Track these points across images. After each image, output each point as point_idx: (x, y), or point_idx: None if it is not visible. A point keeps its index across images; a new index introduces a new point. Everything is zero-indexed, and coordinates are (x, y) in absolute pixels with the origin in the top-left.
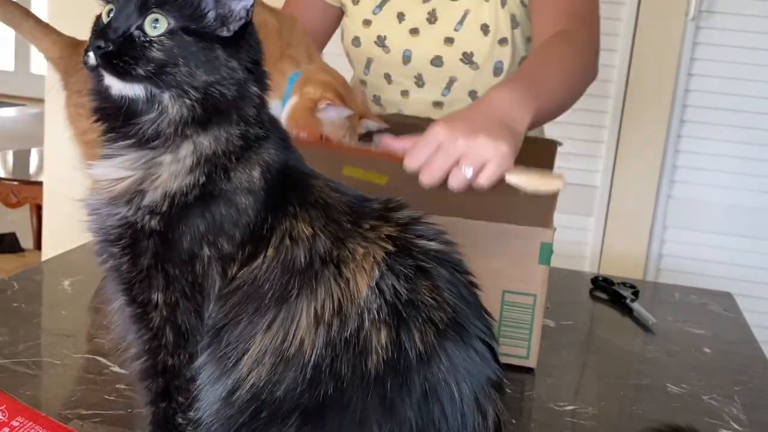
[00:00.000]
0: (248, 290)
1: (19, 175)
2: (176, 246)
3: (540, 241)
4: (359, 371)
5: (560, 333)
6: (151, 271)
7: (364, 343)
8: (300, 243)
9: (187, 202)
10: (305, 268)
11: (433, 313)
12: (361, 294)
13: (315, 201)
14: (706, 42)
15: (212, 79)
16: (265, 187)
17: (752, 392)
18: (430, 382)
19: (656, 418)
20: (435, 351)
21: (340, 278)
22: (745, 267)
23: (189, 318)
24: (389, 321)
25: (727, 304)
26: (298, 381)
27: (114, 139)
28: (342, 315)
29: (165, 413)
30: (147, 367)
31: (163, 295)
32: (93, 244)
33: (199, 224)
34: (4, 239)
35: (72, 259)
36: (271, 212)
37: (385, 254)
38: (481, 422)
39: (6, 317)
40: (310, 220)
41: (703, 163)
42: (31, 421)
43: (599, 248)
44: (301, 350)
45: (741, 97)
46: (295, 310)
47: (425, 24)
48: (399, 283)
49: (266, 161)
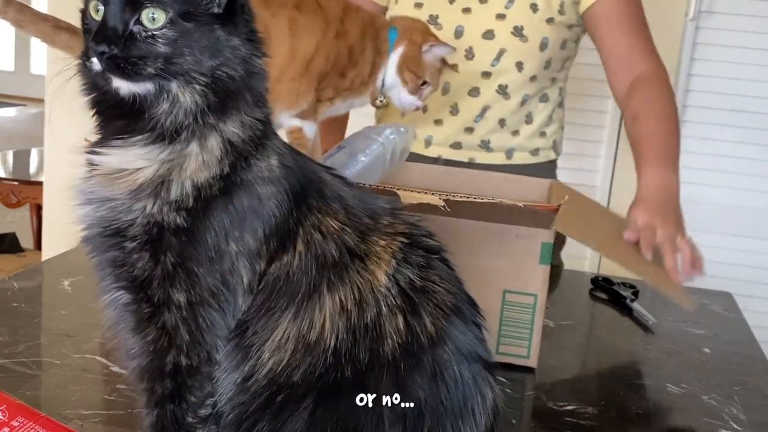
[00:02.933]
0: (279, 285)
1: (19, 175)
2: (202, 243)
3: (540, 241)
4: (376, 355)
5: (560, 333)
6: (176, 269)
7: (382, 329)
8: (329, 237)
9: (212, 195)
10: (337, 262)
11: (440, 298)
12: (381, 283)
13: (332, 194)
14: (706, 42)
15: (218, 62)
16: (286, 176)
17: (752, 392)
18: (439, 363)
19: (656, 418)
20: (443, 334)
21: (364, 270)
22: (745, 267)
23: (210, 316)
24: (404, 307)
25: (727, 304)
26: (318, 365)
27: (123, 131)
28: (362, 303)
29: (174, 414)
30: (152, 367)
31: (186, 294)
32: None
33: (224, 218)
34: (4, 239)
35: (72, 259)
36: (294, 205)
37: (401, 244)
38: (480, 403)
39: (6, 317)
40: (334, 213)
41: (703, 163)
42: (31, 421)
43: None
44: (322, 336)
45: (741, 97)
46: (322, 301)
47: (476, 3)
48: (412, 271)
49: (280, 148)
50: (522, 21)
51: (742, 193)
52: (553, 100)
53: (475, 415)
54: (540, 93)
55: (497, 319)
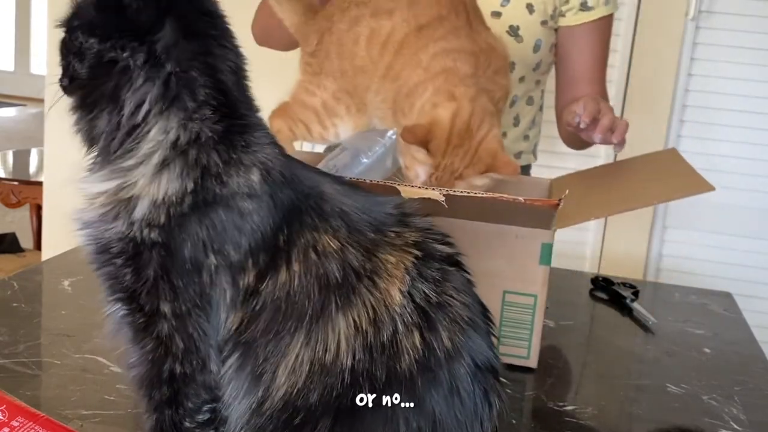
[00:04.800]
0: (282, 306)
1: (19, 175)
2: (179, 255)
3: (540, 242)
4: (393, 372)
5: (560, 333)
6: (158, 281)
7: (398, 347)
8: (330, 257)
9: (184, 212)
10: (342, 281)
11: (456, 312)
12: (395, 300)
13: (332, 210)
14: (706, 42)
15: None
16: (271, 193)
17: (752, 392)
18: (455, 378)
19: (656, 418)
20: (459, 347)
21: (375, 289)
22: (745, 267)
23: (201, 325)
24: (420, 323)
25: (727, 304)
26: (335, 386)
27: (93, 156)
28: (378, 321)
29: (172, 420)
30: (150, 375)
31: (171, 306)
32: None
33: (199, 231)
34: (4, 239)
35: (72, 259)
36: (286, 222)
37: (414, 259)
38: (488, 411)
39: (6, 317)
40: (333, 231)
41: (703, 162)
42: (31, 421)
43: (599, 248)
44: (338, 358)
45: (741, 97)
46: (334, 321)
47: None
48: (428, 287)
49: (263, 162)
50: (518, 21)
51: (742, 193)
52: (537, 103)
53: (483, 423)
54: (527, 95)
55: (497, 319)
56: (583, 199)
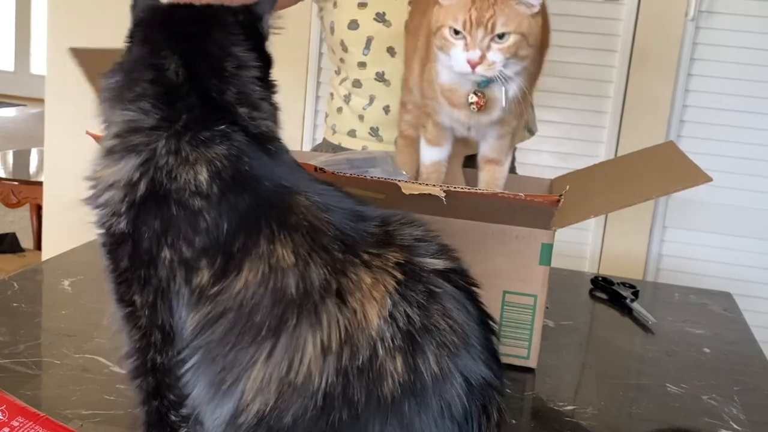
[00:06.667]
0: (237, 316)
1: (19, 175)
2: (141, 246)
3: (540, 242)
4: (375, 396)
5: (560, 333)
6: (128, 272)
7: (379, 371)
8: (287, 271)
9: (141, 203)
10: (301, 297)
11: (446, 336)
12: (372, 324)
13: (297, 223)
14: (706, 42)
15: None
16: (221, 195)
17: (752, 392)
18: (445, 399)
19: (656, 418)
20: (449, 371)
21: (345, 308)
22: (745, 267)
23: (168, 318)
24: (404, 347)
25: (726, 304)
26: (309, 408)
27: None
28: (352, 344)
29: (158, 411)
30: (138, 365)
31: (140, 297)
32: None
33: (154, 222)
34: (4, 239)
35: (72, 259)
36: (243, 231)
37: (396, 283)
38: (486, 424)
39: (6, 317)
40: (292, 246)
41: (703, 162)
42: (31, 421)
43: (599, 248)
44: (309, 379)
45: (741, 97)
46: (297, 339)
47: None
48: (412, 310)
49: (211, 160)
50: None
51: (742, 193)
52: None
53: None
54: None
55: (497, 319)
56: (583, 197)
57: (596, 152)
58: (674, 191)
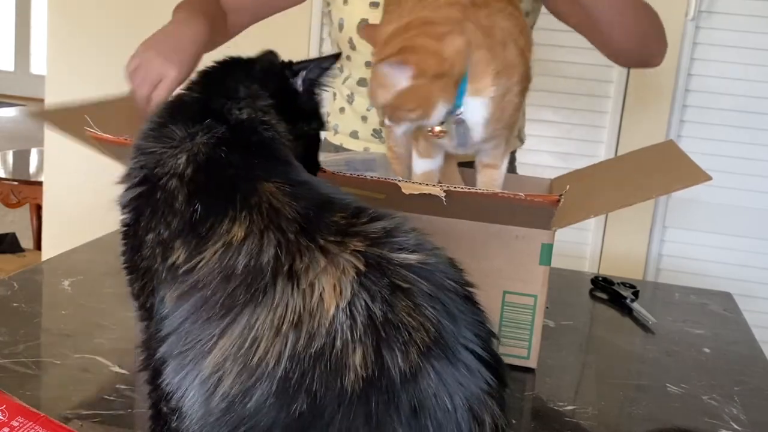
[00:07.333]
0: (201, 295)
1: (19, 175)
2: (139, 235)
3: (540, 242)
4: (335, 388)
5: (560, 333)
6: (129, 258)
7: (337, 361)
8: (239, 249)
9: (134, 188)
10: (251, 275)
11: (414, 333)
12: (328, 312)
13: (257, 203)
14: (706, 42)
15: None
16: (193, 178)
17: (752, 392)
18: (419, 399)
19: (656, 418)
20: (420, 369)
21: (296, 290)
22: (745, 267)
23: (153, 300)
24: (365, 341)
25: (727, 304)
26: (270, 393)
27: None
28: (305, 330)
29: (153, 402)
30: (144, 357)
31: (137, 282)
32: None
33: (146, 209)
34: (4, 239)
35: (72, 259)
36: (212, 213)
37: (356, 274)
38: (477, 429)
39: (6, 317)
40: (248, 224)
41: (703, 162)
42: (31, 421)
43: (599, 248)
44: (264, 359)
45: (741, 97)
46: (250, 317)
47: None
48: (373, 305)
49: (191, 148)
50: None
51: (742, 193)
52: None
53: None
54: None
55: (497, 319)
56: (583, 197)
57: (596, 152)
58: (674, 190)
